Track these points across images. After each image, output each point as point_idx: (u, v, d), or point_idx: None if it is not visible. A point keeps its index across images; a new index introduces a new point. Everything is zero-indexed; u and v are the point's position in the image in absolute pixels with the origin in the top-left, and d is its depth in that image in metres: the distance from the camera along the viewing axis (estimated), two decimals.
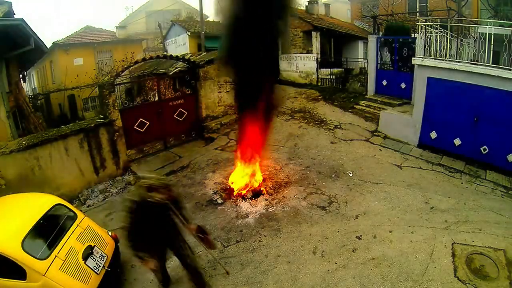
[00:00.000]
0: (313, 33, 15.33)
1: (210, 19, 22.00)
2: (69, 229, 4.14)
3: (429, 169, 7.50)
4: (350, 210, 5.96)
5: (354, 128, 9.93)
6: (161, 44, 21.36)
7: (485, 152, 7.27)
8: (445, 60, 7.76)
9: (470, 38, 9.32)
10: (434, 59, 7.88)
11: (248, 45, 5.50)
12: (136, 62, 8.72)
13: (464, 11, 12.77)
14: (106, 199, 7.02)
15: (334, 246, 5.02)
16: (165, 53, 15.21)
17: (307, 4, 18.34)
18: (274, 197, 6.51)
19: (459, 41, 8.44)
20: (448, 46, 7.94)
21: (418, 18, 9.88)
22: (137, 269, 4.78)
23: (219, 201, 6.49)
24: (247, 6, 5.49)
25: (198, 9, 15.86)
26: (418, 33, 8.40)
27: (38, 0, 55.87)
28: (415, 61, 8.30)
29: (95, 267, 3.98)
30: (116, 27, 22.01)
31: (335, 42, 17.15)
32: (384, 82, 11.47)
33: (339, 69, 15.12)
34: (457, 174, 7.20)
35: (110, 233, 4.79)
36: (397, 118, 9.26)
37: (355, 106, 11.47)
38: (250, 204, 6.31)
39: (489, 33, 6.89)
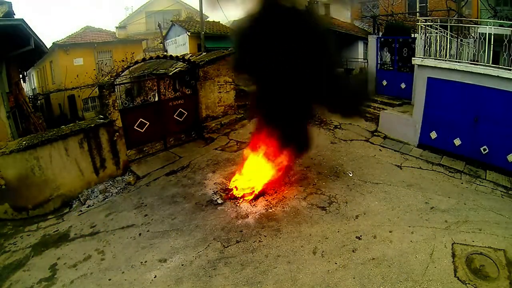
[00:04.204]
0: None
1: (210, 19, 21.99)
2: None
3: (429, 169, 7.50)
4: (350, 210, 5.96)
5: (354, 128, 9.93)
6: (161, 44, 21.35)
7: (485, 152, 7.27)
8: (445, 60, 7.77)
9: (470, 38, 9.31)
10: (434, 59, 7.88)
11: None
12: (136, 62, 8.71)
13: (464, 11, 12.75)
14: (106, 199, 7.02)
15: (334, 246, 5.02)
16: (165, 53, 15.23)
17: (306, 4, 18.30)
18: (274, 197, 6.51)
19: (459, 41, 8.44)
20: (448, 46, 7.94)
21: (418, 18, 9.88)
22: (137, 269, 4.79)
23: (219, 201, 6.49)
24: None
25: (198, 9, 15.86)
26: (418, 33, 8.40)
27: (38, 0, 55.92)
28: (415, 61, 8.31)
29: None
30: (116, 27, 21.98)
31: (335, 42, 17.13)
32: (384, 82, 11.47)
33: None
34: (457, 174, 7.21)
35: None
36: (397, 118, 9.26)
37: None
38: (250, 205, 6.31)
39: (489, 33, 6.90)
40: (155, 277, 4.61)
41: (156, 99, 9.42)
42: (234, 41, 7.06)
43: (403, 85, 10.85)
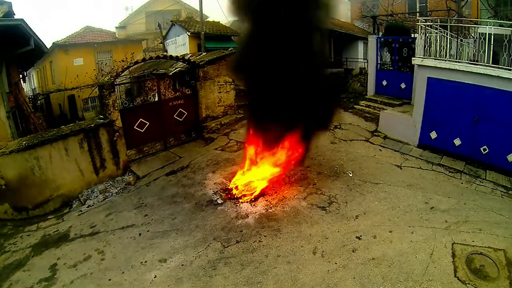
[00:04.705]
0: None
1: (210, 19, 22.01)
2: None
3: (429, 169, 7.50)
4: (350, 210, 5.96)
5: (354, 128, 9.93)
6: (161, 44, 21.37)
7: (485, 152, 7.27)
8: (445, 60, 7.77)
9: (470, 38, 9.32)
10: (434, 59, 7.88)
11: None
12: (136, 62, 8.71)
13: (464, 11, 12.76)
14: (106, 199, 7.02)
15: (334, 246, 5.02)
16: (165, 53, 15.23)
17: None
18: (274, 197, 6.51)
19: (459, 41, 8.44)
20: (448, 46, 7.94)
21: (418, 18, 9.88)
22: (137, 269, 4.79)
23: (219, 201, 6.49)
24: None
25: (198, 9, 15.87)
26: (418, 33, 8.40)
27: (38, 0, 55.92)
28: (415, 61, 8.31)
29: None
30: (116, 27, 22.01)
31: (335, 42, 17.16)
32: (384, 82, 11.47)
33: (339, 69, 15.15)
34: (457, 174, 7.20)
35: None
36: (397, 118, 9.26)
37: (355, 106, 11.48)
38: (250, 205, 6.31)
39: (489, 33, 6.90)
40: (155, 277, 4.61)
41: (156, 99, 9.42)
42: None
43: (403, 85, 10.85)
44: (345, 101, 12.10)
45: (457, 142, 7.76)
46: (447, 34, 7.93)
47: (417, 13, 16.51)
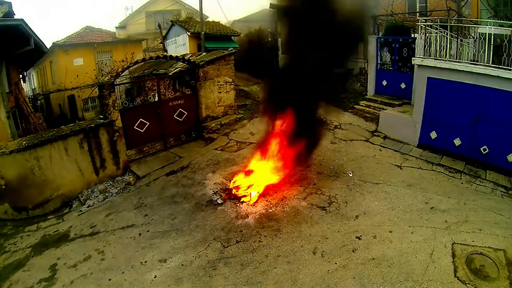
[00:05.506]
0: None
1: (210, 19, 22.00)
2: None
3: (429, 169, 7.50)
4: (350, 210, 5.96)
5: (354, 128, 9.93)
6: (161, 44, 21.35)
7: (485, 152, 7.27)
8: (445, 60, 7.76)
9: (470, 38, 9.31)
10: (434, 59, 7.88)
11: None
12: (136, 62, 8.71)
13: (464, 11, 12.75)
14: (106, 199, 7.02)
15: (334, 246, 5.02)
16: (165, 53, 15.23)
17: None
18: (274, 197, 6.51)
19: (459, 41, 8.43)
20: (448, 46, 7.93)
21: (418, 18, 9.88)
22: (137, 269, 4.79)
23: (219, 201, 6.49)
24: None
25: (198, 9, 15.86)
26: (418, 33, 8.40)
27: (39, 1, 55.92)
28: (415, 61, 8.30)
29: None
30: (116, 27, 22.05)
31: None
32: (384, 82, 11.47)
33: (339, 69, 15.11)
34: (457, 174, 7.20)
35: None
36: (397, 118, 9.26)
37: (355, 106, 11.47)
38: (250, 205, 6.31)
39: (489, 33, 6.89)
40: (155, 277, 4.61)
41: (156, 99, 9.42)
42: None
43: (403, 85, 10.84)
44: (345, 101, 12.09)
45: (457, 142, 7.76)
46: (447, 34, 7.92)
47: (417, 13, 16.48)
